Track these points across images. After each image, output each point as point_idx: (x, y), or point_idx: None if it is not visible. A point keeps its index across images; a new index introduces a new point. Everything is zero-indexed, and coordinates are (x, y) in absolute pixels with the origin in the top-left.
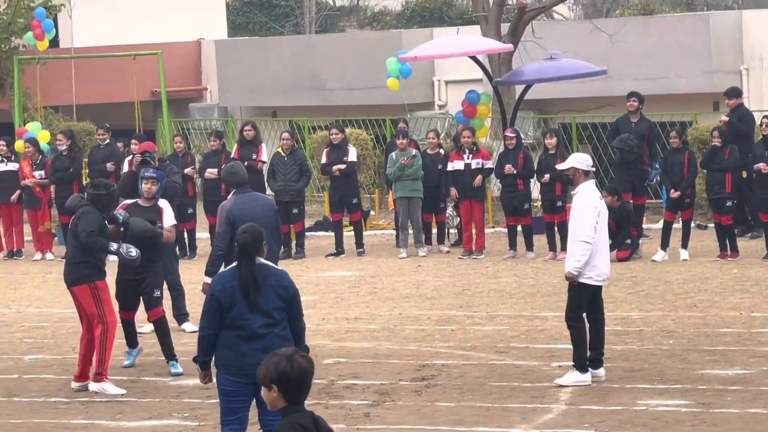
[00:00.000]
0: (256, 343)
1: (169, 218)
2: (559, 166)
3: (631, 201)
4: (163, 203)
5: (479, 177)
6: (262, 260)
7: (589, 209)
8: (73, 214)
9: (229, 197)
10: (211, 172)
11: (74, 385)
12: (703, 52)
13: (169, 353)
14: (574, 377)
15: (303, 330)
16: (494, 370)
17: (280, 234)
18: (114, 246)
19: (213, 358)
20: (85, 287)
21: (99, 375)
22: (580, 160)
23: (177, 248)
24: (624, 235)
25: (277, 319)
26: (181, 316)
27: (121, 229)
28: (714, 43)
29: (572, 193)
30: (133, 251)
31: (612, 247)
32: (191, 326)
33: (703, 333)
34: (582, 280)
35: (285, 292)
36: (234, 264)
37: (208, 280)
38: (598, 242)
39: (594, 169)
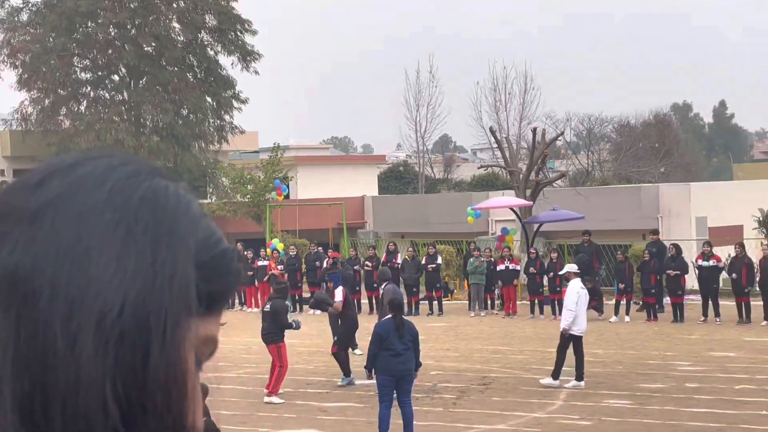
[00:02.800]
0: (399, 359)
1: (338, 296)
2: (561, 272)
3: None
4: (337, 291)
5: (516, 279)
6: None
7: (573, 293)
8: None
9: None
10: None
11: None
12: (635, 209)
13: (346, 370)
14: (569, 384)
15: (419, 354)
16: (520, 379)
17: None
18: (294, 324)
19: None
20: (273, 347)
21: (270, 393)
22: (571, 267)
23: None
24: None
25: (409, 346)
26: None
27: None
28: (642, 203)
29: (568, 283)
30: (294, 324)
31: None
32: (359, 351)
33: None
34: (571, 332)
35: (413, 331)
36: (389, 315)
37: None
38: (579, 311)
39: (579, 271)
